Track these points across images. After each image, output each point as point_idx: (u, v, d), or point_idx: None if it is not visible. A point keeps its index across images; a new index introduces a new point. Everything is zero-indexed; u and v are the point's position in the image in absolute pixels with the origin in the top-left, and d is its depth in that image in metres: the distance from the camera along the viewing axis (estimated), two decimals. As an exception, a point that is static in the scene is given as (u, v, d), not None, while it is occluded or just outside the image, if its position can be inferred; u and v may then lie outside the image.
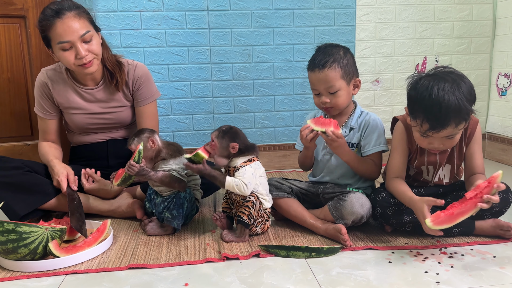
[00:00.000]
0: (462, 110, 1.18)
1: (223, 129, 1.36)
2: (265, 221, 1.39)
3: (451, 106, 1.16)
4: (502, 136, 2.33)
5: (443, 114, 1.17)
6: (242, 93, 2.29)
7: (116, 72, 1.60)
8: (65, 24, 1.43)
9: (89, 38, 1.48)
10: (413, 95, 1.25)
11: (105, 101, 1.64)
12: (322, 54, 1.42)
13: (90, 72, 1.54)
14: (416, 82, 1.26)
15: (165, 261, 1.24)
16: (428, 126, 1.20)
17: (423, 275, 1.13)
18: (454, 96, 1.17)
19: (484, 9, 2.38)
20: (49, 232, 1.23)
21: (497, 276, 1.12)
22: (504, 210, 1.35)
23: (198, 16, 2.18)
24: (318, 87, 1.42)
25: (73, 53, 1.47)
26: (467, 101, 1.19)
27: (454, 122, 1.19)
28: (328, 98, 1.42)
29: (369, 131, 1.44)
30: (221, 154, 1.34)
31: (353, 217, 1.33)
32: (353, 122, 1.47)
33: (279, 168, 2.36)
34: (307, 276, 1.14)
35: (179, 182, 1.40)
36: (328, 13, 2.27)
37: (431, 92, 1.18)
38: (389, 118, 2.41)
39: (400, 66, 2.37)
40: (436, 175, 1.40)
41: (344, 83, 1.41)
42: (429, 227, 1.17)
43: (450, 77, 1.21)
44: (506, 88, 2.33)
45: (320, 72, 1.40)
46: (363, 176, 1.46)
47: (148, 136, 1.41)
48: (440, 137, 1.23)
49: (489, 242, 1.32)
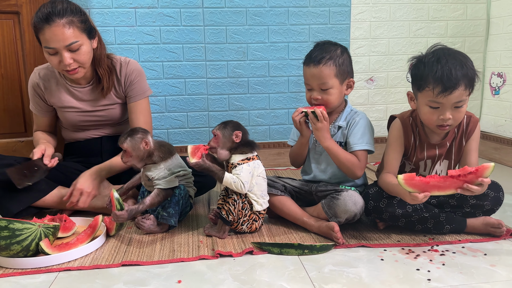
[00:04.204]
0: (469, 71, 1.24)
1: (224, 121, 1.38)
2: (253, 221, 1.39)
3: (458, 67, 1.23)
4: (495, 135, 2.35)
5: (453, 74, 1.22)
6: (237, 91, 2.29)
7: (104, 79, 1.59)
8: (52, 32, 1.40)
9: (76, 47, 1.45)
10: (420, 66, 1.29)
11: (95, 99, 1.64)
12: (319, 50, 1.43)
13: (75, 78, 1.53)
14: (419, 58, 1.31)
15: (158, 258, 1.24)
16: (440, 88, 1.23)
17: (415, 273, 1.14)
18: (460, 60, 1.25)
19: (478, 9, 2.39)
20: (42, 229, 1.23)
21: (487, 274, 1.13)
22: (495, 208, 1.36)
23: (193, 13, 2.17)
24: (311, 82, 1.43)
25: (58, 58, 1.45)
26: (472, 66, 1.26)
27: (463, 83, 1.23)
28: (319, 94, 1.43)
29: (354, 129, 1.44)
30: (224, 145, 1.35)
31: (346, 215, 1.34)
32: (341, 121, 1.47)
33: (274, 166, 2.36)
34: (300, 273, 1.15)
35: (168, 192, 1.40)
36: (323, 11, 2.27)
37: (439, 58, 1.25)
38: (383, 116, 2.42)
39: (394, 64, 2.39)
40: (433, 170, 1.41)
41: (337, 81, 1.42)
42: (400, 183, 1.19)
43: (451, 50, 1.29)
44: (499, 87, 2.35)
45: (314, 68, 1.40)
46: (344, 170, 1.41)
47: (141, 137, 1.39)
48: (450, 104, 1.24)
49: (480, 240, 1.33)
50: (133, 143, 1.38)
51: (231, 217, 1.35)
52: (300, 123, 1.41)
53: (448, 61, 1.24)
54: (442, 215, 1.34)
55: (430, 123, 1.30)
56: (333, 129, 1.47)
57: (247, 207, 1.36)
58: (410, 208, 1.32)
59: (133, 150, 1.39)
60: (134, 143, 1.38)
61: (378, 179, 1.43)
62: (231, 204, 1.35)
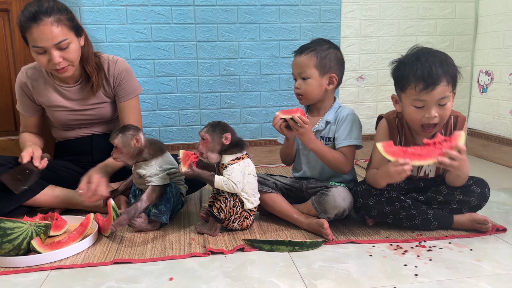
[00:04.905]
0: (449, 67, 1.26)
1: (211, 123, 1.38)
2: (245, 219, 1.40)
3: (438, 64, 1.25)
4: (483, 132, 2.39)
5: (434, 71, 1.24)
6: (228, 89, 2.30)
7: (93, 76, 1.58)
8: (40, 30, 1.39)
9: (65, 45, 1.44)
10: (401, 67, 1.31)
11: (84, 98, 1.63)
12: (309, 43, 1.49)
13: (64, 76, 1.53)
14: (400, 60, 1.33)
15: (150, 256, 1.25)
16: (422, 85, 1.25)
17: (403, 268, 1.16)
18: (440, 57, 1.27)
19: (467, 7, 2.42)
20: (34, 227, 1.23)
21: (473, 269, 1.15)
22: (481, 204, 1.39)
23: (184, 11, 2.17)
24: (294, 71, 1.49)
25: (47, 57, 1.44)
26: (452, 64, 1.28)
27: (445, 79, 1.24)
28: (299, 84, 1.46)
29: (342, 124, 1.46)
30: (213, 148, 1.36)
31: (335, 211, 1.35)
32: (329, 117, 1.49)
33: (265, 163, 2.38)
34: (290, 269, 1.17)
35: (162, 188, 1.41)
36: (313, 9, 2.28)
37: (419, 57, 1.28)
38: (373, 114, 2.45)
39: (384, 63, 2.41)
40: (421, 171, 1.43)
41: (316, 72, 1.44)
42: (379, 150, 1.23)
43: (430, 49, 1.32)
44: (487, 85, 2.38)
45: (297, 57, 1.48)
46: (332, 168, 1.45)
47: (133, 134, 1.40)
48: (434, 101, 1.26)
49: (467, 235, 1.36)
50: (124, 139, 1.39)
51: (223, 215, 1.36)
52: (282, 129, 1.44)
53: (427, 59, 1.26)
54: (429, 212, 1.37)
55: (416, 123, 1.32)
56: (322, 125, 1.49)
57: (238, 205, 1.38)
58: (398, 205, 1.35)
59: (123, 147, 1.39)
60: (125, 139, 1.39)
61: (365, 176, 1.45)
62: (222, 202, 1.36)
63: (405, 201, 1.35)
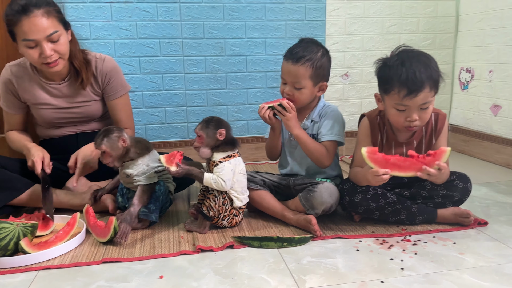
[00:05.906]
0: (433, 72, 1.28)
1: (206, 119, 1.38)
2: (234, 216, 1.41)
3: (423, 69, 1.27)
4: (464, 128, 2.45)
5: (418, 77, 1.26)
6: (215, 86, 2.30)
7: (82, 70, 1.57)
8: (32, 22, 1.38)
9: (56, 38, 1.44)
10: (385, 70, 1.33)
11: (72, 96, 1.62)
12: (302, 48, 1.45)
13: (55, 71, 1.51)
14: (385, 61, 1.35)
15: (139, 255, 1.25)
16: (405, 91, 1.27)
17: (389, 262, 1.19)
18: (424, 62, 1.29)
19: (448, 6, 2.47)
20: (20, 228, 1.22)
21: (456, 262, 1.19)
22: (463, 199, 1.43)
23: (169, 8, 2.16)
24: (287, 78, 1.47)
25: (38, 51, 1.43)
26: (436, 67, 1.30)
27: (428, 85, 1.27)
28: (291, 91, 1.46)
29: (325, 120, 1.49)
30: (207, 144, 1.36)
31: (323, 207, 1.37)
32: (314, 115, 1.51)
33: (252, 160, 2.39)
34: (279, 265, 1.18)
35: (152, 187, 1.42)
36: (299, 7, 2.30)
37: (403, 61, 1.29)
38: (357, 111, 2.48)
39: (368, 60, 2.44)
40: None
41: (310, 83, 1.45)
42: (363, 156, 1.26)
43: (415, 51, 1.33)
44: (467, 82, 2.44)
45: (292, 65, 1.44)
46: (313, 159, 1.46)
47: (118, 135, 1.39)
48: (416, 106, 1.29)
49: (450, 229, 1.39)
50: (111, 143, 1.38)
51: (212, 212, 1.36)
52: (270, 118, 1.45)
53: (412, 64, 1.27)
54: (414, 207, 1.40)
55: (398, 124, 1.35)
56: (307, 123, 1.51)
57: (228, 203, 1.38)
58: (383, 202, 1.37)
59: (112, 150, 1.38)
60: (111, 142, 1.38)
61: (349, 173, 1.48)
62: (211, 200, 1.37)
63: (390, 197, 1.38)
